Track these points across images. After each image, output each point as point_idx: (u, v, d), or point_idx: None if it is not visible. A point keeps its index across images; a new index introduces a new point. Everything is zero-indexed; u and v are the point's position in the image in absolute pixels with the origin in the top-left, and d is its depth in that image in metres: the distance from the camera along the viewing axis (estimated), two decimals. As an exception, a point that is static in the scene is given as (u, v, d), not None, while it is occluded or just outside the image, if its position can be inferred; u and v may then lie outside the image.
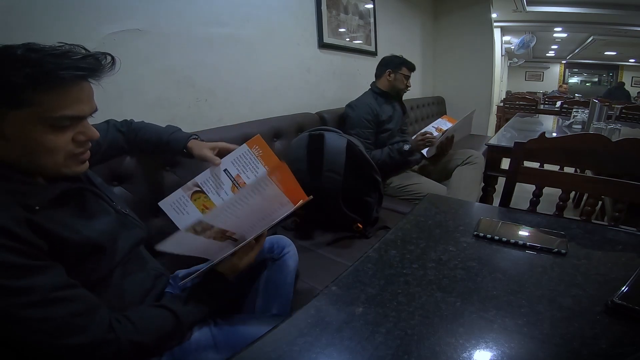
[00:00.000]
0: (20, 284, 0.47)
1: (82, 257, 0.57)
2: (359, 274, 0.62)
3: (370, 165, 1.35)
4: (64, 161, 0.56)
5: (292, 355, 0.45)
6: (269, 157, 0.81)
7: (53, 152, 0.54)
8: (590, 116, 2.18)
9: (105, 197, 0.69)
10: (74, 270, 0.55)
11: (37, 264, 0.49)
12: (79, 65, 0.52)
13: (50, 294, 0.49)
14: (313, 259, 1.17)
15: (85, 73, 0.54)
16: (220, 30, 1.43)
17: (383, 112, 1.79)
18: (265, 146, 0.82)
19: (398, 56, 1.87)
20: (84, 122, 0.58)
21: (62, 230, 0.54)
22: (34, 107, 0.51)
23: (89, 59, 0.54)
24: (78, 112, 0.55)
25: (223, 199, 0.77)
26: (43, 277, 0.49)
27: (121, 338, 0.54)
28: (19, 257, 0.47)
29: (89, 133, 0.58)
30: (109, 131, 0.89)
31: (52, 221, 0.53)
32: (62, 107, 0.52)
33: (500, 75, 7.11)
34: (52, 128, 0.53)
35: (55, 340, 0.49)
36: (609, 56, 9.06)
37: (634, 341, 0.46)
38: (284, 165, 0.71)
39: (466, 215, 0.91)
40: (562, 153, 1.04)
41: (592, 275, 0.61)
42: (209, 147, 0.91)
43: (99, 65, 0.55)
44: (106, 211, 0.67)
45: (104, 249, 0.61)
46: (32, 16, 0.90)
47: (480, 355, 0.45)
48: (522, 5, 4.60)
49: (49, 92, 0.51)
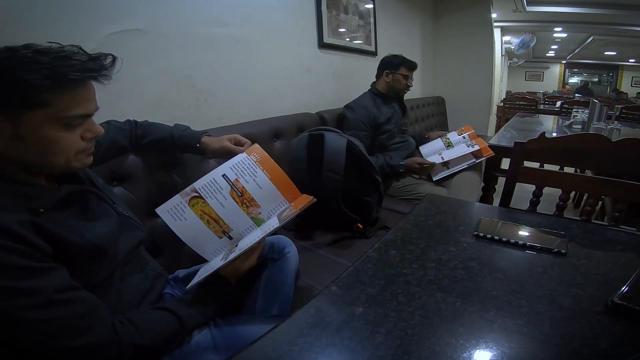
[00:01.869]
0: (24, 286, 0.47)
1: (85, 259, 0.58)
2: (359, 274, 0.62)
3: (370, 165, 1.35)
4: (75, 156, 0.58)
5: (292, 355, 0.45)
6: (268, 162, 0.81)
7: (66, 150, 0.56)
8: (590, 116, 2.19)
9: (108, 198, 0.70)
10: (76, 273, 0.55)
11: (41, 266, 0.49)
12: (87, 67, 0.54)
13: (54, 296, 0.49)
14: (313, 259, 1.17)
15: (94, 74, 0.55)
16: (220, 30, 1.43)
17: (381, 114, 1.79)
18: (263, 153, 0.82)
19: (397, 56, 1.85)
20: (91, 120, 0.60)
21: (67, 233, 0.54)
22: (49, 108, 0.52)
23: (95, 60, 0.56)
24: (88, 111, 0.57)
25: (222, 203, 0.78)
26: (47, 279, 0.49)
27: (123, 340, 0.55)
28: (24, 259, 0.48)
29: (95, 130, 0.60)
30: (110, 131, 0.89)
31: (57, 224, 0.54)
32: (74, 107, 0.54)
33: (500, 75, 7.11)
34: (65, 127, 0.55)
35: (58, 342, 0.49)
36: (609, 56, 9.06)
37: (634, 341, 0.46)
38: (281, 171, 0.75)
39: (466, 215, 0.91)
40: (562, 153, 1.04)
41: (592, 275, 0.61)
42: (226, 138, 0.93)
43: (104, 66, 0.56)
44: (108, 213, 0.67)
45: (105, 252, 0.61)
46: (32, 16, 0.90)
47: (480, 355, 0.45)
48: (522, 5, 4.60)
49: (64, 93, 0.52)
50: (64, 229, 0.55)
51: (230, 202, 0.78)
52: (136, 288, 0.70)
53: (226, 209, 0.78)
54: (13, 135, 0.51)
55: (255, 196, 0.79)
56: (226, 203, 0.78)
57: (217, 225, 0.77)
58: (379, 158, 1.74)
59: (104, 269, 0.62)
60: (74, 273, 0.54)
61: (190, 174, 1.12)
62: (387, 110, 1.82)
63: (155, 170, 1.03)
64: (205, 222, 0.77)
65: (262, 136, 1.44)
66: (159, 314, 0.64)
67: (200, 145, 0.94)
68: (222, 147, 0.92)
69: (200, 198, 0.78)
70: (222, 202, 0.78)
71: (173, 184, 1.07)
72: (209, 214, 0.78)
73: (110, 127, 0.90)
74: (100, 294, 0.59)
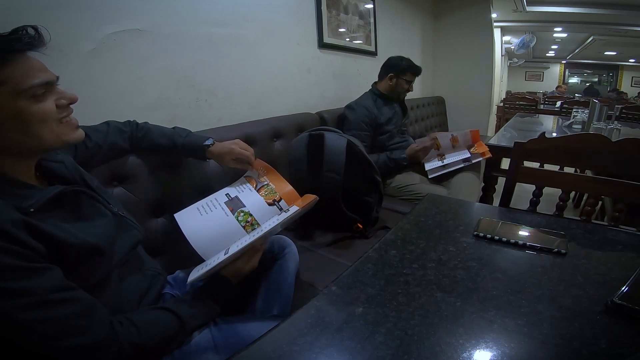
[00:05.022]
0: (19, 286, 0.47)
1: (81, 260, 0.57)
2: (359, 274, 0.62)
3: (370, 165, 1.35)
4: (58, 128, 0.58)
5: (292, 355, 0.45)
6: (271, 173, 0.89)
7: (44, 121, 0.56)
8: (590, 116, 2.19)
9: (102, 199, 0.69)
10: (72, 273, 0.55)
11: (34, 266, 0.49)
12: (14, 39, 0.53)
13: (49, 296, 0.49)
14: (313, 259, 1.17)
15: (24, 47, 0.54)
16: (220, 30, 1.43)
17: (382, 115, 1.78)
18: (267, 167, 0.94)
19: (404, 59, 1.82)
20: (58, 89, 0.59)
21: (59, 233, 0.54)
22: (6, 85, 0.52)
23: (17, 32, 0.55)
24: (46, 79, 0.56)
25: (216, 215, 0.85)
26: (41, 279, 0.49)
27: (122, 340, 0.55)
28: (17, 259, 0.47)
29: (67, 95, 0.60)
30: (110, 133, 0.89)
31: (49, 224, 0.54)
32: (29, 78, 0.54)
33: (500, 75, 7.11)
34: (33, 99, 0.54)
35: (56, 342, 0.49)
36: (609, 56, 9.06)
37: (634, 341, 0.46)
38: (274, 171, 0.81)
39: (466, 215, 0.91)
40: (562, 153, 1.04)
41: (592, 275, 0.61)
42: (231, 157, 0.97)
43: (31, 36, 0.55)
44: (103, 214, 0.67)
45: (102, 252, 0.61)
46: (32, 16, 0.90)
47: (480, 355, 0.45)
48: (522, 5, 4.60)
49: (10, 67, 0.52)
50: (56, 229, 0.54)
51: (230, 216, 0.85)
52: (134, 288, 0.70)
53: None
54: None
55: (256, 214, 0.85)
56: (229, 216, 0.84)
57: None
58: (380, 156, 1.73)
59: (101, 270, 0.62)
60: (70, 273, 0.54)
61: (191, 173, 1.12)
62: (388, 111, 1.82)
63: (156, 171, 1.03)
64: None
65: (262, 136, 1.44)
66: (159, 314, 0.64)
67: (207, 155, 0.98)
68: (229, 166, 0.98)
69: None
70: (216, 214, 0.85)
71: (174, 184, 1.07)
72: None
73: (110, 129, 0.90)
74: (98, 294, 0.59)
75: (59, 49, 0.93)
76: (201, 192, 0.95)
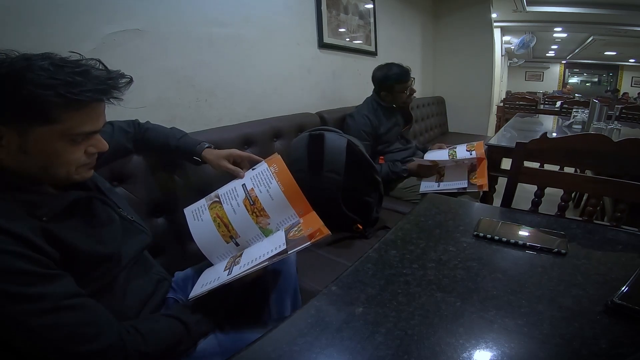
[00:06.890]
0: (32, 292, 0.47)
1: (91, 266, 0.58)
2: (359, 274, 0.62)
3: (371, 166, 1.35)
4: (76, 170, 0.58)
5: (292, 355, 0.45)
6: (285, 174, 0.83)
7: (68, 164, 0.56)
8: (590, 116, 2.18)
9: (112, 203, 0.69)
10: (80, 278, 0.55)
11: (49, 273, 0.50)
12: (99, 88, 0.54)
13: (61, 302, 0.50)
14: (313, 259, 1.17)
15: (107, 96, 0.56)
16: (220, 30, 1.43)
17: (382, 124, 1.77)
18: (282, 165, 0.85)
19: (391, 67, 1.74)
20: (97, 135, 0.60)
21: (74, 240, 0.55)
22: (58, 125, 0.52)
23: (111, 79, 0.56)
24: (95, 127, 0.58)
25: (234, 209, 0.80)
26: (54, 285, 0.50)
27: (129, 348, 0.55)
28: (32, 265, 0.48)
29: (99, 145, 0.61)
30: (114, 134, 0.89)
31: (64, 231, 0.54)
32: (83, 124, 0.55)
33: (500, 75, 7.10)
34: (71, 142, 0.55)
35: (65, 347, 0.50)
36: (609, 56, 9.06)
37: (634, 341, 0.46)
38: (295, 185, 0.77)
39: (466, 215, 0.91)
40: (563, 153, 1.04)
41: (592, 275, 0.61)
42: (224, 156, 0.91)
43: (118, 86, 0.56)
44: (112, 219, 0.67)
45: (110, 258, 0.61)
46: (32, 16, 0.90)
47: (480, 355, 0.45)
48: (522, 5, 4.60)
49: (75, 111, 0.53)
50: (71, 235, 0.55)
51: (242, 209, 0.80)
52: (139, 291, 0.70)
53: (237, 215, 0.79)
54: (18, 148, 0.52)
55: (266, 207, 0.80)
56: (238, 210, 0.80)
57: (226, 230, 0.78)
58: (382, 167, 1.73)
59: (109, 274, 0.62)
60: (79, 279, 0.54)
61: (192, 173, 1.12)
62: (389, 120, 1.80)
63: (156, 171, 1.03)
64: (217, 225, 0.79)
65: (262, 136, 1.44)
66: (165, 322, 0.64)
67: (198, 159, 0.94)
68: (220, 166, 0.90)
69: (219, 203, 0.82)
70: (234, 208, 0.80)
71: (174, 185, 1.07)
72: (221, 218, 0.80)
73: (114, 130, 0.89)
74: (102, 297, 0.59)
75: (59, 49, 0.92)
76: (201, 192, 0.95)
